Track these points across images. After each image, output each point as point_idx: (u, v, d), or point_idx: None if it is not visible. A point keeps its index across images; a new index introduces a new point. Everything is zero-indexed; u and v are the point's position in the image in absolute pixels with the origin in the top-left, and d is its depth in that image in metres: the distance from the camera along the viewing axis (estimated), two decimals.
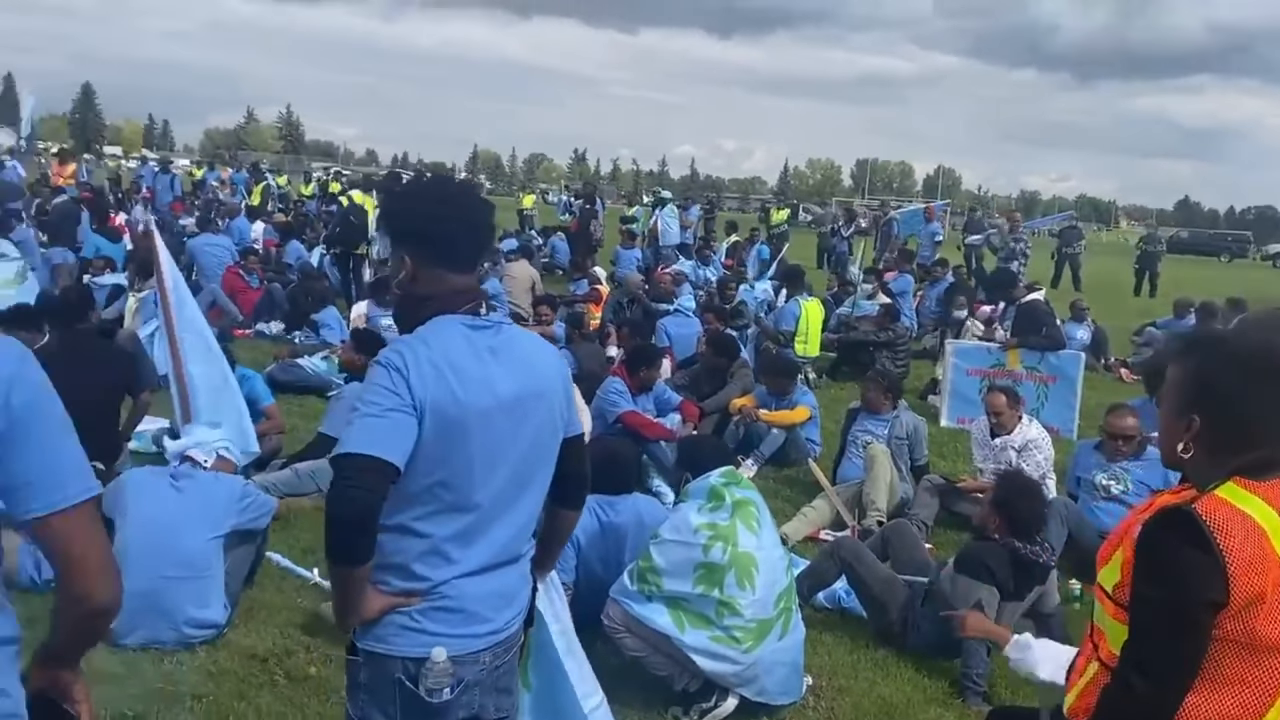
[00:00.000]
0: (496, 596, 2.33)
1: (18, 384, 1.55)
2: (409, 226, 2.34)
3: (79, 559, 1.61)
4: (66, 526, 1.59)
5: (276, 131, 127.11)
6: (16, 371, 1.55)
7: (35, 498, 1.57)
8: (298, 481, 6.27)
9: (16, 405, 1.54)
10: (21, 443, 1.55)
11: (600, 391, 7.07)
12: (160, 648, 4.22)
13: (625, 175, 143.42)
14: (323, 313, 10.27)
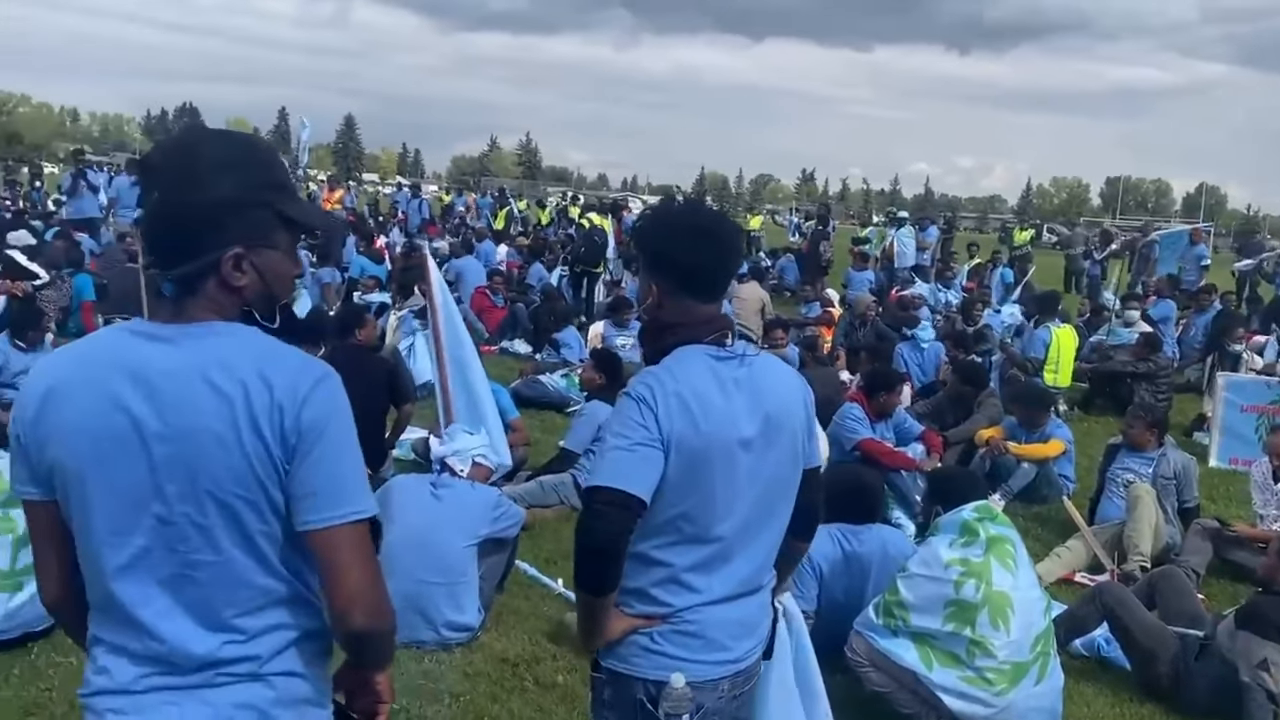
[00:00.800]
0: (737, 625, 2.31)
1: (311, 402, 1.63)
2: (660, 253, 2.33)
3: (340, 576, 1.65)
4: (334, 542, 1.64)
5: (516, 158, 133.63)
6: (311, 391, 1.64)
7: (312, 510, 1.64)
8: (542, 493, 6.52)
9: (306, 421, 1.62)
10: (307, 457, 1.63)
11: (837, 417, 6.94)
12: (420, 647, 4.47)
13: (855, 195, 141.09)
14: (563, 332, 10.66)
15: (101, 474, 1.63)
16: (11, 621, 4.22)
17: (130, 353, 1.64)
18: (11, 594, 4.22)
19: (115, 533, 1.63)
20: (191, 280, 1.66)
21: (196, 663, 1.65)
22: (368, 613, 1.66)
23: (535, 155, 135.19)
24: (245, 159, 1.69)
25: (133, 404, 1.61)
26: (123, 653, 1.67)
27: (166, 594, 1.64)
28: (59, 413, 1.65)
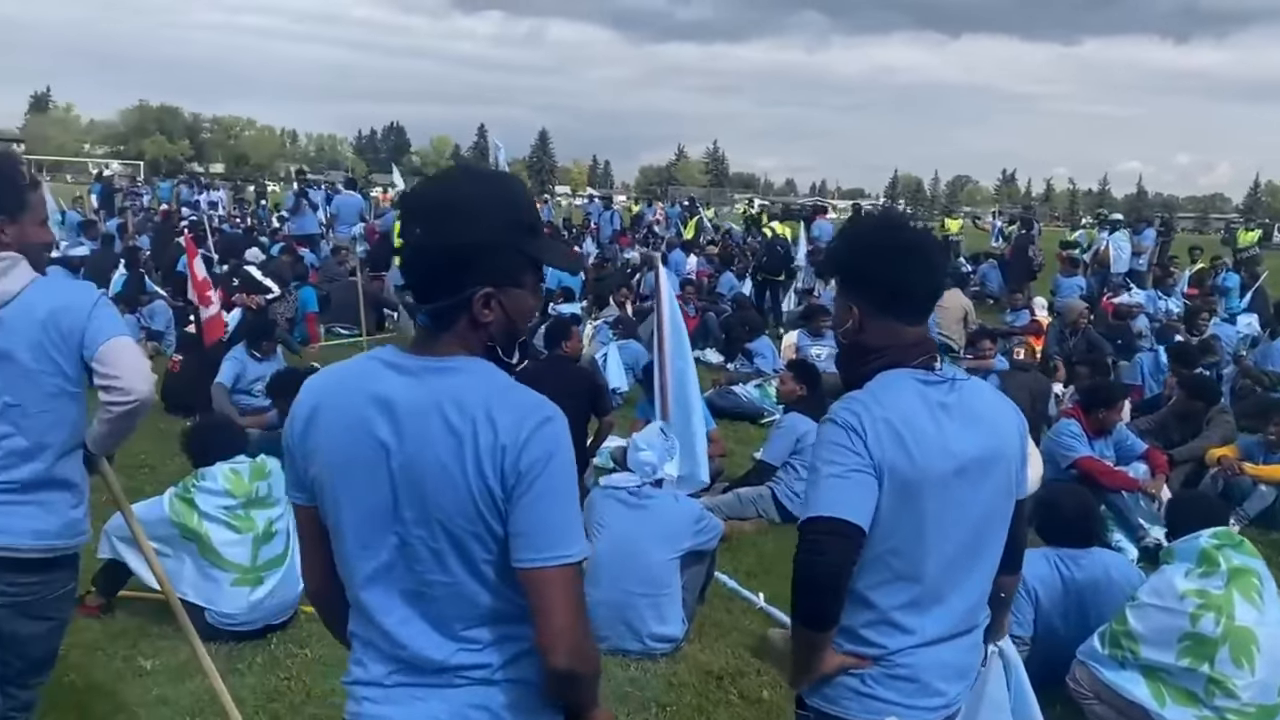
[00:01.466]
0: (950, 668, 2.22)
1: (531, 444, 1.68)
2: (860, 274, 2.23)
3: (545, 615, 1.69)
4: (542, 582, 1.69)
5: (703, 166, 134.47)
6: (533, 434, 1.68)
7: (523, 549, 1.69)
8: (740, 506, 6.52)
9: (525, 463, 1.67)
10: (523, 498, 1.68)
11: (1052, 433, 6.61)
12: (626, 655, 4.55)
13: (1060, 195, 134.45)
14: (757, 342, 10.60)
15: (351, 493, 1.75)
16: (254, 614, 4.55)
17: (380, 383, 1.75)
18: (253, 588, 4.55)
19: (363, 546, 1.76)
20: (444, 314, 1.74)
21: (434, 667, 1.75)
22: (570, 653, 1.70)
23: (722, 163, 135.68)
24: (502, 203, 1.75)
25: (379, 431, 1.72)
26: (373, 649, 1.80)
27: (406, 605, 1.75)
28: (320, 432, 1.78)
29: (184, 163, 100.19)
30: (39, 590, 2.74)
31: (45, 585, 2.75)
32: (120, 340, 2.67)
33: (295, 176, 22.94)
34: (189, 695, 4.09)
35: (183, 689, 4.14)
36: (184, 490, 4.59)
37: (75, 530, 2.80)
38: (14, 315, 2.59)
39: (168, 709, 4.00)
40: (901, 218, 3.21)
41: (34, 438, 2.65)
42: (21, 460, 2.65)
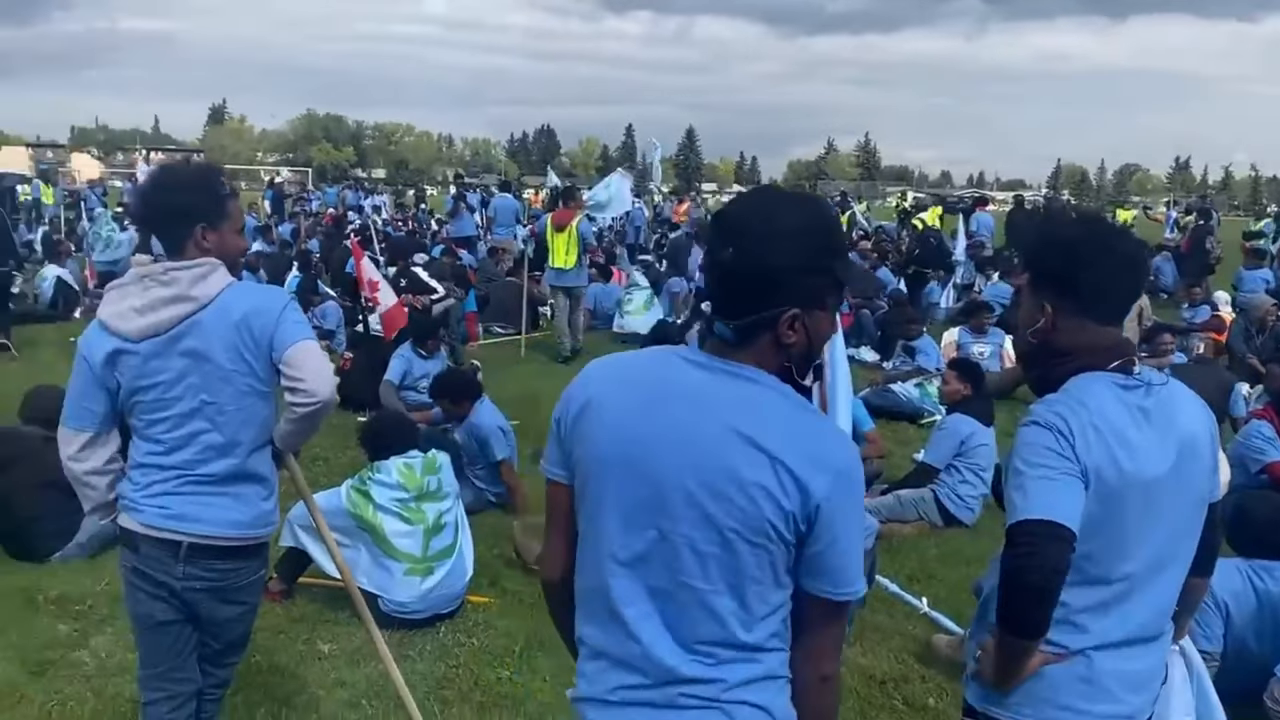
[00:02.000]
0: (1131, 676, 2.13)
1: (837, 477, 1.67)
2: (1058, 273, 2.15)
3: (822, 636, 1.76)
4: (829, 610, 1.74)
5: (854, 159, 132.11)
6: (840, 468, 1.69)
7: (821, 579, 1.71)
8: (900, 508, 6.37)
9: (825, 493, 1.66)
10: (823, 528, 1.67)
11: (1242, 436, 6.20)
12: None
13: (1240, 183, 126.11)
14: (920, 339, 10.30)
15: (622, 479, 1.73)
16: (424, 603, 4.72)
17: (673, 374, 1.76)
18: (424, 578, 4.72)
19: (623, 531, 1.73)
20: (746, 330, 1.74)
21: (665, 675, 1.71)
22: (837, 663, 1.80)
23: (874, 155, 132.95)
24: (815, 227, 1.75)
25: (664, 424, 1.71)
26: (603, 657, 1.78)
27: (652, 601, 1.72)
28: (596, 416, 1.78)
29: (348, 168, 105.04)
30: (234, 576, 2.91)
31: (239, 572, 2.92)
32: (306, 344, 2.80)
33: (454, 180, 23.69)
34: (364, 679, 4.27)
35: (359, 673, 4.33)
36: (360, 483, 4.81)
37: (266, 521, 2.96)
38: (211, 318, 2.75)
39: (345, 691, 4.18)
40: (1101, 217, 3.08)
41: (229, 434, 2.80)
42: (217, 455, 2.81)
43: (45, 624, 4.74)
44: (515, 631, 4.73)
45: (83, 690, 4.13)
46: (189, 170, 2.99)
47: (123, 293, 2.81)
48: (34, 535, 5.51)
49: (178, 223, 2.80)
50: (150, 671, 2.99)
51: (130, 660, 4.31)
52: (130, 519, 2.84)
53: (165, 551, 2.81)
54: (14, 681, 4.18)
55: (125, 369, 2.75)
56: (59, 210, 23.74)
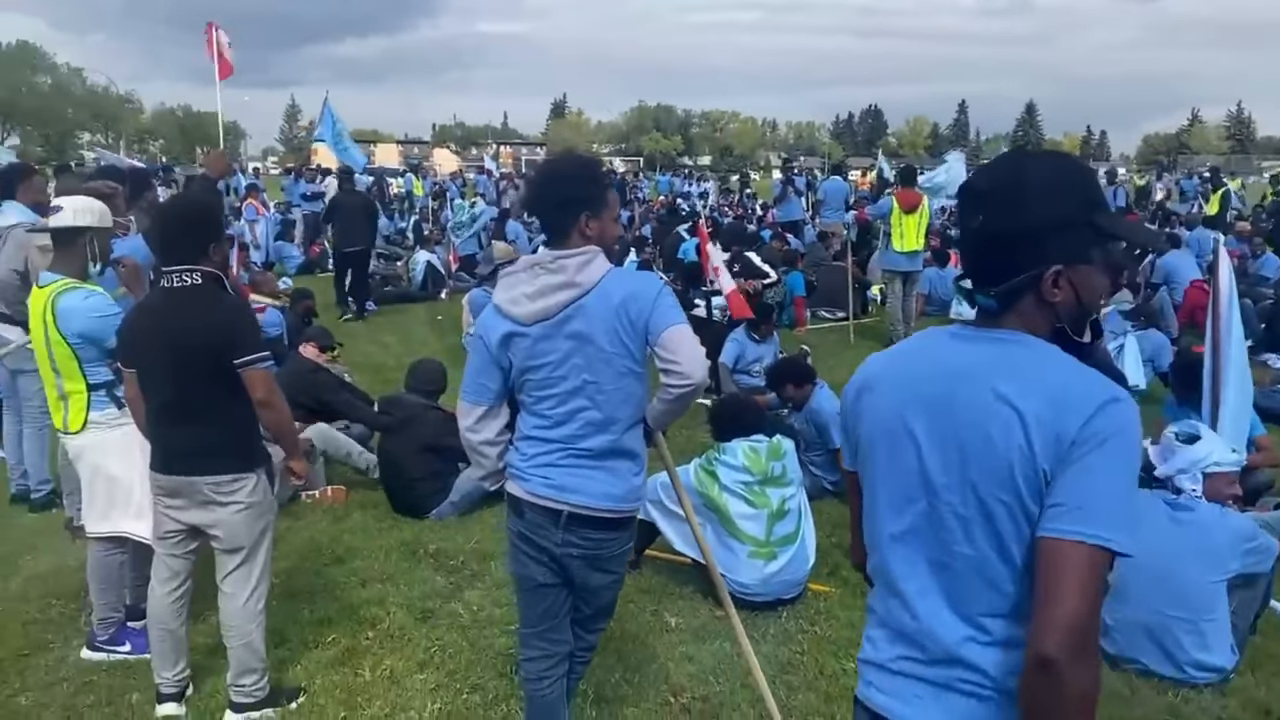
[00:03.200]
0: None
1: (1093, 421, 1.56)
2: None
3: (1050, 595, 1.52)
4: (1059, 555, 1.53)
5: (1224, 130, 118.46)
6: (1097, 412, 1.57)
7: (1052, 518, 1.56)
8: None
9: (1082, 437, 1.55)
10: (1071, 467, 1.56)
11: None
12: (1160, 679, 4.11)
13: None
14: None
15: (889, 452, 1.79)
16: (766, 587, 4.75)
17: (937, 349, 1.79)
18: (767, 562, 4.76)
19: (893, 505, 1.78)
20: (1008, 295, 1.71)
21: (941, 652, 1.70)
22: (1062, 646, 1.49)
23: (1248, 126, 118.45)
24: (1069, 181, 1.72)
25: (925, 393, 1.74)
26: (886, 627, 1.81)
27: (929, 574, 1.73)
28: (872, 394, 1.85)
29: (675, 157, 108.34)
30: (607, 546, 3.06)
31: (612, 542, 3.07)
32: (681, 328, 2.88)
33: (782, 166, 23.72)
34: (710, 656, 4.37)
35: (705, 649, 4.43)
36: (707, 463, 4.92)
37: (636, 495, 3.09)
38: (594, 303, 2.89)
39: (692, 666, 4.30)
40: None
41: (607, 411, 2.95)
42: (596, 431, 2.96)
43: (426, 575, 5.26)
44: (858, 623, 4.64)
45: (459, 639, 4.52)
46: (574, 161, 3.17)
47: (514, 279, 3.01)
48: (417, 493, 6.13)
49: (565, 211, 2.97)
50: (530, 630, 3.22)
51: (499, 615, 4.71)
52: (517, 486, 3.06)
53: (547, 519, 3.00)
54: (403, 626, 4.66)
55: (517, 350, 2.95)
56: (428, 201, 26.29)
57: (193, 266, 3.56)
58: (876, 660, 1.82)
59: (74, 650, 4.40)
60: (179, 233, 3.61)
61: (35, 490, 6.20)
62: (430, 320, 13.60)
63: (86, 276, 4.22)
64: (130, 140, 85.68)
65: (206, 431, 3.59)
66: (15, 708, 3.96)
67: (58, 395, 4.17)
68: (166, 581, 3.82)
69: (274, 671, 4.00)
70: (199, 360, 3.51)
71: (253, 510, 3.68)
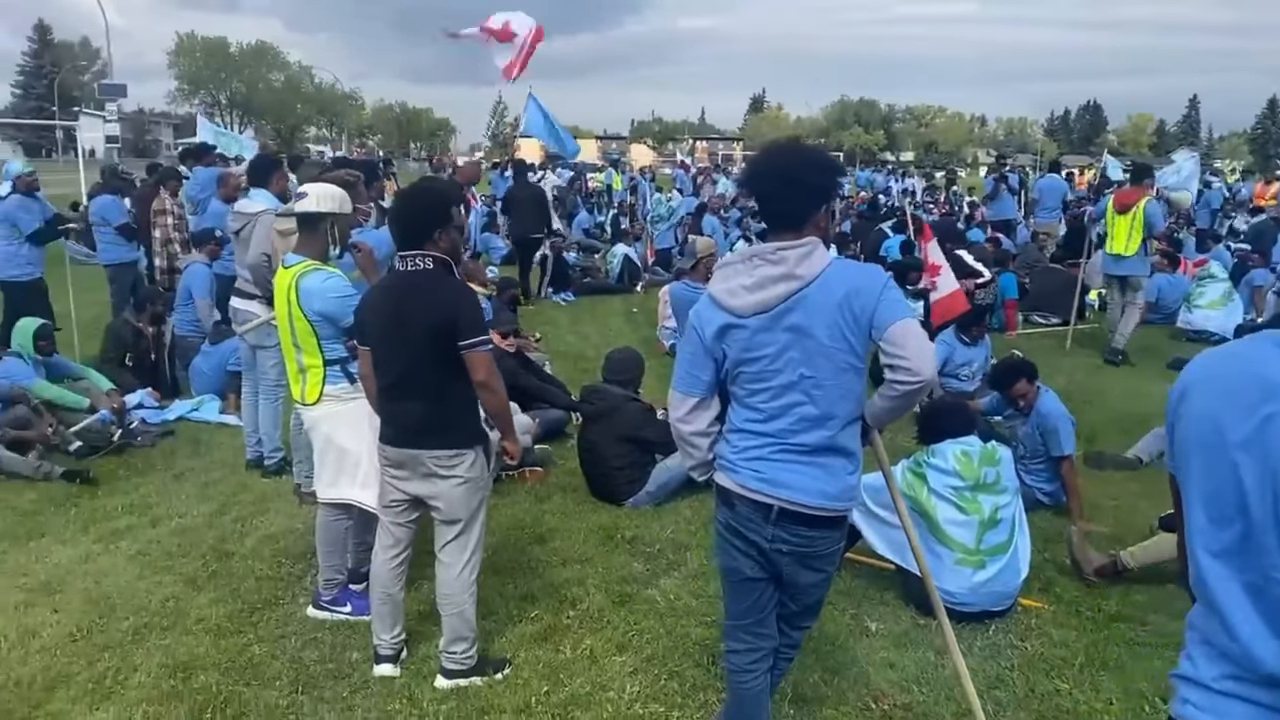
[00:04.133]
0: None
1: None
2: None
3: None
4: None
5: None
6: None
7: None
8: None
9: None
10: None
11: None
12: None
13: None
14: None
15: (1205, 462, 1.68)
16: (974, 596, 4.56)
17: (1260, 359, 1.65)
18: (975, 570, 4.56)
19: (1209, 521, 1.67)
20: None
21: (1263, 674, 1.60)
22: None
23: None
24: None
25: (1248, 404, 1.61)
26: (1207, 645, 1.70)
27: (1248, 596, 1.62)
28: (1188, 405, 1.74)
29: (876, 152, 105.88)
30: (818, 544, 3.00)
31: (823, 540, 3.00)
32: (908, 323, 2.79)
33: (997, 163, 22.73)
34: (913, 663, 4.23)
35: (907, 656, 4.30)
36: (915, 465, 4.76)
37: (850, 494, 3.01)
38: (815, 295, 2.84)
39: (894, 672, 4.18)
40: None
41: (824, 407, 2.89)
42: (812, 426, 2.91)
43: (622, 560, 5.34)
44: (1073, 644, 4.41)
45: (656, 625, 4.57)
46: (814, 152, 3.11)
47: (732, 270, 2.99)
48: (615, 481, 6.24)
49: (807, 202, 2.92)
50: (736, 623, 3.20)
51: (695, 605, 4.72)
52: (727, 478, 3.04)
53: (757, 512, 2.97)
54: (601, 607, 4.74)
55: (733, 342, 2.93)
56: (626, 195, 26.73)
57: (424, 252, 3.74)
58: (1195, 678, 1.72)
59: (300, 607, 4.71)
60: (412, 219, 3.80)
61: (269, 457, 6.69)
62: (626, 312, 13.82)
63: (327, 259, 4.52)
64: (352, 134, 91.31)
65: (431, 408, 3.76)
66: (250, 655, 4.28)
67: (297, 369, 4.46)
68: (389, 548, 4.04)
69: (481, 642, 4.16)
70: (426, 340, 3.68)
71: (471, 484, 3.84)
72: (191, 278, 9.21)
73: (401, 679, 4.09)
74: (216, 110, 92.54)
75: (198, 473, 6.78)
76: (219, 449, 7.30)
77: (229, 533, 5.69)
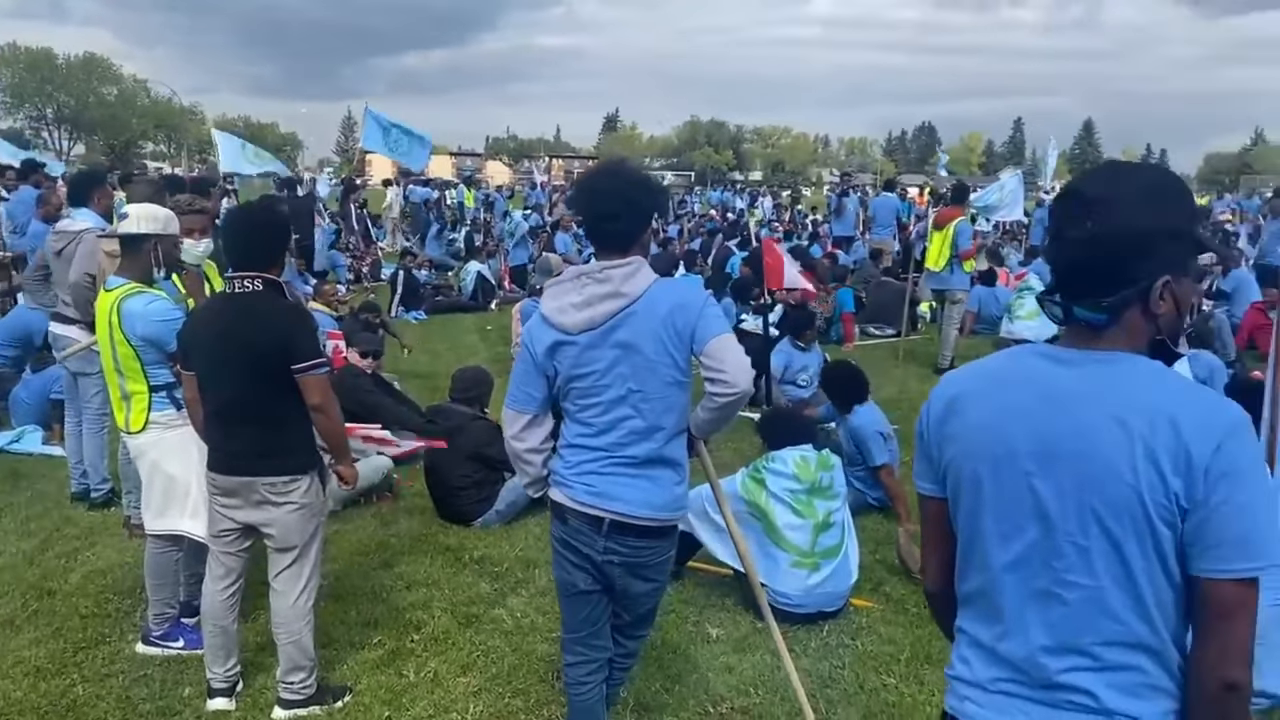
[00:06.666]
0: None
1: (1224, 448, 1.54)
2: None
3: (1222, 630, 1.56)
4: (1224, 595, 1.55)
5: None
6: (1225, 437, 1.54)
7: (1209, 559, 1.55)
8: None
9: (1216, 468, 1.54)
10: (1213, 505, 1.54)
11: None
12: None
13: None
14: None
15: (995, 477, 1.73)
16: (808, 598, 4.75)
17: (1036, 372, 1.72)
18: (810, 573, 4.75)
19: (1002, 534, 1.73)
20: (1118, 307, 1.67)
21: (1043, 679, 1.68)
22: (1246, 669, 1.57)
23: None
24: (1172, 189, 1.71)
25: (1034, 420, 1.69)
26: (982, 649, 1.78)
27: (1035, 604, 1.69)
28: (962, 418, 1.80)
29: (726, 171, 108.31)
30: (648, 554, 3.09)
31: (653, 550, 3.09)
32: (726, 338, 2.91)
33: (841, 180, 23.61)
34: (751, 667, 4.37)
35: (746, 660, 4.44)
36: (755, 470, 4.94)
37: (678, 504, 3.11)
38: (641, 312, 2.93)
39: (732, 677, 4.31)
40: None
41: (651, 420, 2.98)
42: (640, 439, 2.99)
43: (470, 581, 5.32)
44: (900, 640, 4.64)
45: (503, 644, 4.58)
46: (636, 172, 3.20)
47: (561, 289, 3.06)
48: (462, 502, 6.21)
49: (643, 223, 3.04)
50: (572, 636, 3.26)
51: (541, 622, 4.76)
52: (560, 493, 3.10)
53: (589, 525, 3.04)
54: (446, 630, 4.72)
55: (564, 358, 3.00)
56: (479, 212, 26.56)
57: (255, 273, 3.67)
58: (972, 680, 1.79)
59: (129, 644, 4.51)
60: (245, 240, 3.73)
61: (96, 489, 6.37)
62: (480, 330, 13.76)
63: (151, 281, 4.36)
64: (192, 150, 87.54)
65: (263, 434, 3.69)
66: (73, 698, 4.08)
67: (120, 395, 4.30)
68: (220, 579, 3.93)
69: (321, 670, 4.08)
70: (257, 364, 3.62)
71: (305, 510, 3.78)
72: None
73: (237, 712, 3.99)
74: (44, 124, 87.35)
75: (18, 508, 6.41)
76: (41, 481, 6.91)
77: (52, 570, 5.40)
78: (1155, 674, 1.63)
